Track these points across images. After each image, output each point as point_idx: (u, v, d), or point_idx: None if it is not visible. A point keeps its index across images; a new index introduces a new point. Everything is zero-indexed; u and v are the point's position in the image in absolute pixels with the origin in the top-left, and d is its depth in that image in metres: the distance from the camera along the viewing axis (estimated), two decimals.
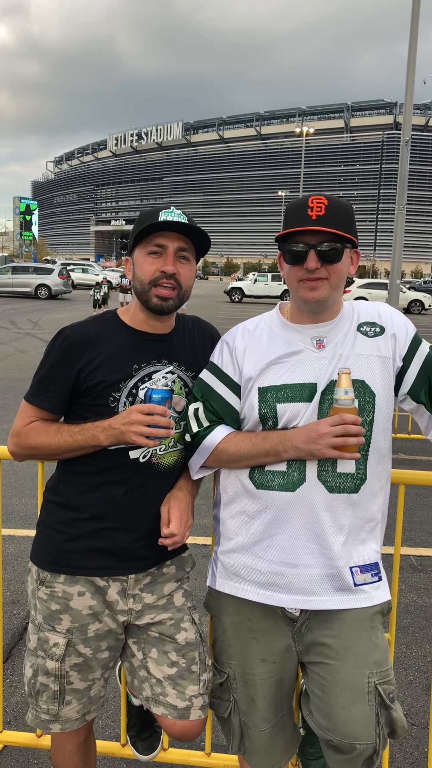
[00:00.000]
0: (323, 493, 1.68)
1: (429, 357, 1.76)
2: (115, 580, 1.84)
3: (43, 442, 1.79)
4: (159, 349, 1.86)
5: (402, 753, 2.66)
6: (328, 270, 1.67)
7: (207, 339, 1.99)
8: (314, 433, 1.60)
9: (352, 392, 1.59)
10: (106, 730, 2.72)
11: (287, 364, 1.73)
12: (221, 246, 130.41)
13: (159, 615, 1.89)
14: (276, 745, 1.82)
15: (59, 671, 1.82)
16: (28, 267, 33.19)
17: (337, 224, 1.64)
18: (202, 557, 4.20)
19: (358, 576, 1.72)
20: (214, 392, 1.80)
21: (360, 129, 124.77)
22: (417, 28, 14.42)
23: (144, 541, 1.84)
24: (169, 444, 1.85)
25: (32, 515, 4.89)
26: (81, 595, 1.82)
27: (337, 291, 1.73)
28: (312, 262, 1.66)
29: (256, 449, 1.70)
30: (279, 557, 1.72)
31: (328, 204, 1.65)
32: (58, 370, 1.79)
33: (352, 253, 1.75)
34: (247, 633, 1.79)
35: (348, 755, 1.65)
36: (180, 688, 1.85)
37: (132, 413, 1.68)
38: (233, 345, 1.83)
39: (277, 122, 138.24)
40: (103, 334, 1.82)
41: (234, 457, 1.74)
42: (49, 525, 1.87)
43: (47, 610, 1.84)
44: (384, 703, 1.67)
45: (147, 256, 1.78)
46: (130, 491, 1.82)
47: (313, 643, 1.75)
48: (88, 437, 1.74)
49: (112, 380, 1.78)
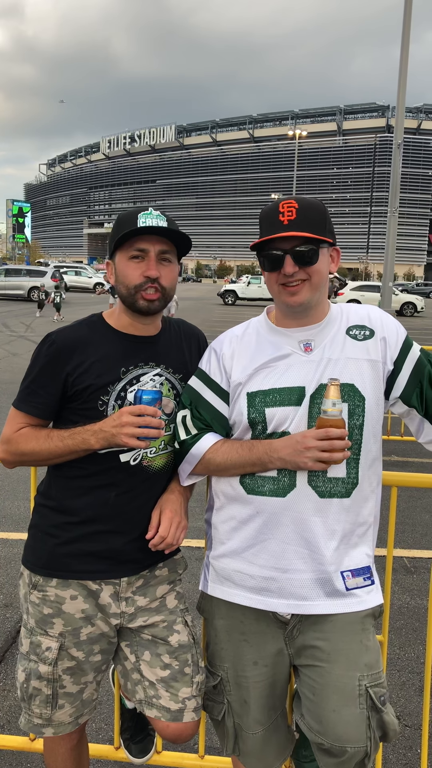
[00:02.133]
0: (314, 498, 1.68)
1: (420, 360, 1.76)
2: (108, 584, 1.84)
3: (33, 448, 1.78)
4: (146, 352, 1.86)
5: (395, 754, 2.66)
6: (307, 272, 1.68)
7: (193, 341, 2.00)
8: (300, 446, 1.60)
9: (340, 404, 1.59)
10: (99, 733, 2.71)
11: (275, 369, 1.73)
12: (214, 249, 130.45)
13: (152, 618, 1.89)
14: (270, 747, 1.83)
15: (52, 675, 1.82)
16: (21, 270, 33.11)
17: (309, 226, 1.65)
18: (195, 560, 4.19)
19: (350, 580, 1.72)
20: (202, 399, 1.81)
21: (352, 132, 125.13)
22: (409, 32, 14.50)
23: (136, 543, 1.83)
24: (159, 446, 1.85)
25: (25, 518, 4.87)
26: (73, 599, 1.82)
27: (320, 291, 1.73)
28: (289, 267, 1.67)
29: (242, 459, 1.70)
30: (270, 562, 1.72)
31: (299, 207, 1.66)
32: (46, 375, 1.79)
33: (331, 251, 1.75)
34: (240, 636, 1.80)
35: (339, 758, 1.65)
36: (173, 690, 1.85)
37: (123, 415, 1.67)
38: (221, 352, 1.83)
39: (270, 125, 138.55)
40: (90, 338, 1.82)
41: (221, 467, 1.75)
42: (41, 529, 1.87)
43: (39, 614, 1.83)
44: (375, 706, 1.66)
45: (129, 261, 1.78)
46: (122, 494, 1.81)
47: (305, 647, 1.75)
48: (78, 441, 1.73)
49: (100, 384, 1.77)
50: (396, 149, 15.10)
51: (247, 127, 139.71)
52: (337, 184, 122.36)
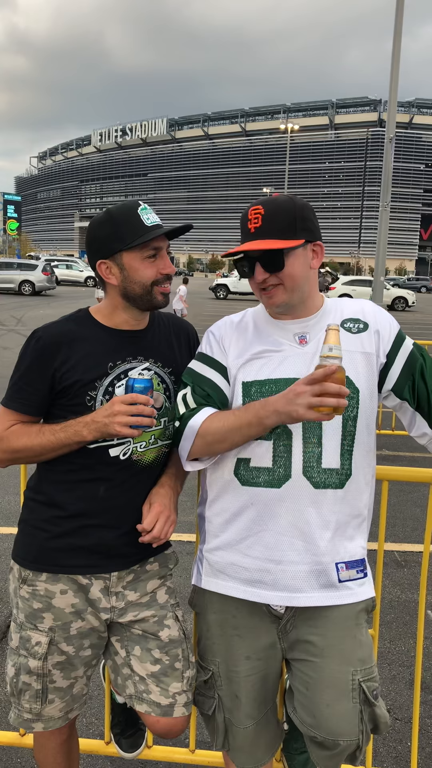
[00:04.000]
0: (309, 489, 1.68)
1: (412, 353, 1.77)
2: (98, 578, 1.83)
3: (25, 444, 1.77)
4: (134, 346, 1.86)
5: (386, 747, 2.67)
6: (279, 276, 1.68)
7: (183, 335, 1.99)
8: (291, 393, 1.54)
9: (337, 350, 1.50)
10: (90, 728, 2.71)
11: (270, 359, 1.73)
12: (206, 242, 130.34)
13: (142, 612, 1.88)
14: (260, 742, 1.83)
15: (41, 670, 1.81)
16: (12, 263, 32.93)
17: (274, 232, 1.65)
18: (186, 554, 4.19)
19: (343, 572, 1.72)
20: (203, 377, 1.80)
21: (344, 126, 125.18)
22: (401, 27, 14.48)
23: (126, 538, 1.83)
24: (149, 441, 1.84)
25: (15, 513, 4.85)
26: (63, 594, 1.81)
27: (299, 291, 1.72)
28: (259, 274, 1.68)
29: (239, 420, 1.65)
30: (265, 554, 1.71)
31: (265, 213, 1.67)
32: (33, 372, 1.77)
33: (313, 247, 1.73)
34: (232, 630, 1.79)
35: (332, 751, 1.66)
36: (163, 685, 1.85)
37: (115, 404, 1.67)
38: (219, 334, 1.84)
39: (261, 119, 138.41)
40: (77, 333, 1.81)
41: (219, 434, 1.68)
42: (30, 523, 1.86)
43: (29, 609, 1.82)
44: (368, 700, 1.67)
45: (144, 260, 1.78)
46: (112, 488, 1.81)
47: (298, 641, 1.75)
48: (70, 434, 1.72)
49: (88, 379, 1.77)
50: (388, 143, 15.09)
51: (238, 121, 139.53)
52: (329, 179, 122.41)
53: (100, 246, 1.80)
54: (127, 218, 1.76)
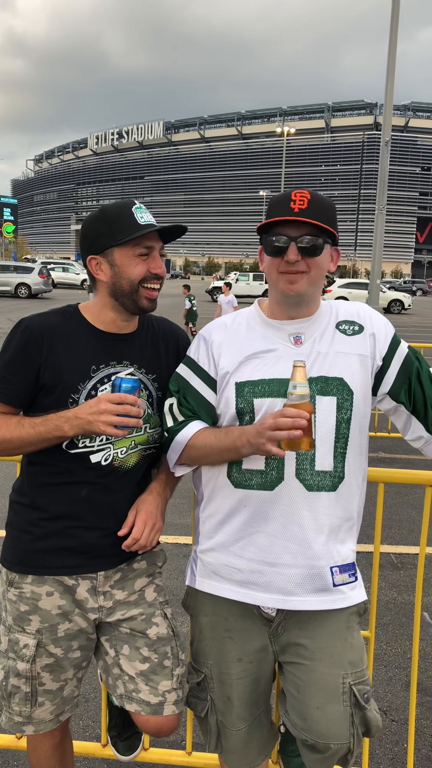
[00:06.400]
0: (302, 492, 1.68)
1: (408, 357, 1.77)
2: (85, 578, 1.83)
3: (4, 435, 1.74)
4: (119, 350, 1.83)
5: (382, 749, 2.68)
6: (308, 263, 1.67)
7: (171, 341, 1.97)
8: (260, 426, 1.57)
9: (302, 387, 1.53)
10: (86, 731, 2.71)
11: (264, 360, 1.73)
12: (202, 245, 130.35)
13: (130, 611, 1.88)
14: (252, 744, 1.83)
15: (30, 672, 1.81)
16: (8, 266, 32.88)
17: (319, 218, 1.64)
18: (183, 556, 4.19)
19: (337, 576, 1.72)
20: (189, 386, 1.80)
21: (341, 129, 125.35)
22: (396, 30, 14.53)
23: (112, 538, 1.82)
24: (129, 446, 1.82)
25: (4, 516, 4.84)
26: (49, 595, 1.81)
27: (316, 286, 1.73)
28: (292, 254, 1.65)
29: (219, 444, 1.69)
30: (258, 556, 1.72)
31: (311, 198, 1.66)
32: (18, 360, 1.75)
33: (332, 251, 1.75)
34: (224, 633, 1.79)
35: (323, 754, 1.67)
36: (152, 683, 1.85)
37: (101, 402, 1.63)
38: (209, 339, 1.82)
39: (258, 122, 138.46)
40: (63, 328, 1.79)
41: (201, 453, 1.73)
42: (16, 526, 1.85)
43: (17, 612, 1.82)
44: (359, 703, 1.67)
45: (134, 258, 1.76)
46: (94, 491, 1.80)
47: (289, 644, 1.75)
48: (51, 428, 1.69)
49: (71, 381, 1.75)
50: (384, 147, 15.13)
51: (235, 124, 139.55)
52: (325, 182, 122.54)
53: (92, 242, 1.79)
54: (121, 215, 1.75)
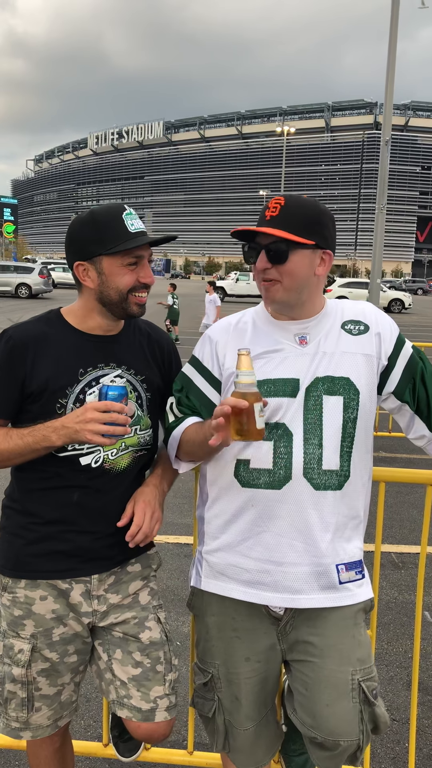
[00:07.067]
0: (309, 491, 1.68)
1: (413, 356, 1.78)
2: (78, 582, 1.81)
3: None
4: (106, 352, 1.82)
5: (383, 748, 2.68)
6: (279, 271, 1.67)
7: (156, 344, 1.95)
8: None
9: (246, 375, 1.53)
10: (88, 731, 2.71)
11: (270, 360, 1.73)
12: (202, 245, 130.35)
13: (123, 614, 1.86)
14: (260, 743, 1.83)
15: (26, 678, 1.79)
16: (9, 266, 32.87)
17: (287, 225, 1.64)
18: (184, 557, 4.19)
19: (344, 574, 1.72)
20: (193, 385, 1.81)
21: (340, 129, 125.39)
22: (396, 29, 14.51)
23: (105, 541, 1.81)
24: (120, 448, 1.80)
25: None
26: (43, 600, 1.79)
27: (298, 293, 1.71)
28: (261, 262, 1.67)
29: (199, 436, 1.69)
30: (265, 555, 1.72)
31: (284, 204, 1.66)
32: (3, 372, 1.73)
33: (322, 254, 1.72)
34: (231, 632, 1.79)
35: (332, 752, 1.67)
36: (144, 689, 1.83)
37: (87, 411, 1.61)
38: (215, 339, 1.82)
39: (258, 121, 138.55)
40: (47, 335, 1.77)
41: (190, 444, 1.75)
42: (8, 530, 1.84)
43: (11, 617, 1.81)
44: (367, 699, 1.67)
45: (123, 267, 1.73)
46: (86, 495, 1.78)
47: (298, 642, 1.75)
48: (39, 438, 1.67)
49: (58, 386, 1.73)
50: (384, 146, 15.10)
51: (235, 124, 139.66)
52: (325, 181, 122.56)
53: (80, 247, 1.74)
54: (111, 222, 1.72)
